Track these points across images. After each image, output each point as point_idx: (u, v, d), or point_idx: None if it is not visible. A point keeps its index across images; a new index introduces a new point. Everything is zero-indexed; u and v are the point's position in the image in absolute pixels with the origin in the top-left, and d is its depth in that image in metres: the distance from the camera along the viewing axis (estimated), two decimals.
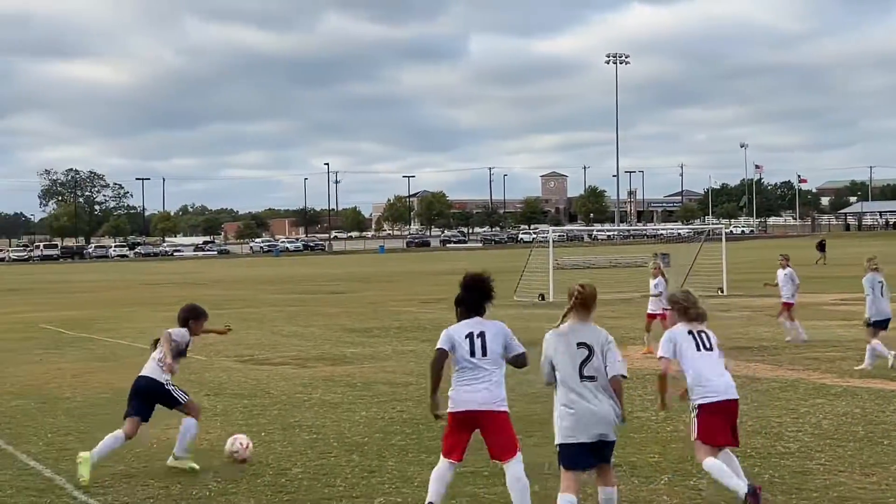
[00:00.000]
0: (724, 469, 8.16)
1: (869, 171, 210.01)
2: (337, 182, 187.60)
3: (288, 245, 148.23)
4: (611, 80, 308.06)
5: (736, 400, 8.52)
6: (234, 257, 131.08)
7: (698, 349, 8.43)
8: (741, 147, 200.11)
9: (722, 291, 36.92)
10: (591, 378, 7.47)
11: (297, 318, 30.20)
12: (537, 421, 12.57)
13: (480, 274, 8.22)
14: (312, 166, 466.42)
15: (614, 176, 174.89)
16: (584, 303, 7.82)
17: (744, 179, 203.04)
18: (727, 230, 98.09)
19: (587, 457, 7.49)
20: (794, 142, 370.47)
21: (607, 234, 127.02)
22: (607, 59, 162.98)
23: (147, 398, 10.25)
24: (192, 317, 10.99)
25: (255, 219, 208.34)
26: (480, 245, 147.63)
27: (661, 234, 70.27)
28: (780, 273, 22.19)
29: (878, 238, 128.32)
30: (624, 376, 7.66)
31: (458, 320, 8.04)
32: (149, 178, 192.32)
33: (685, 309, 8.55)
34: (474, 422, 7.88)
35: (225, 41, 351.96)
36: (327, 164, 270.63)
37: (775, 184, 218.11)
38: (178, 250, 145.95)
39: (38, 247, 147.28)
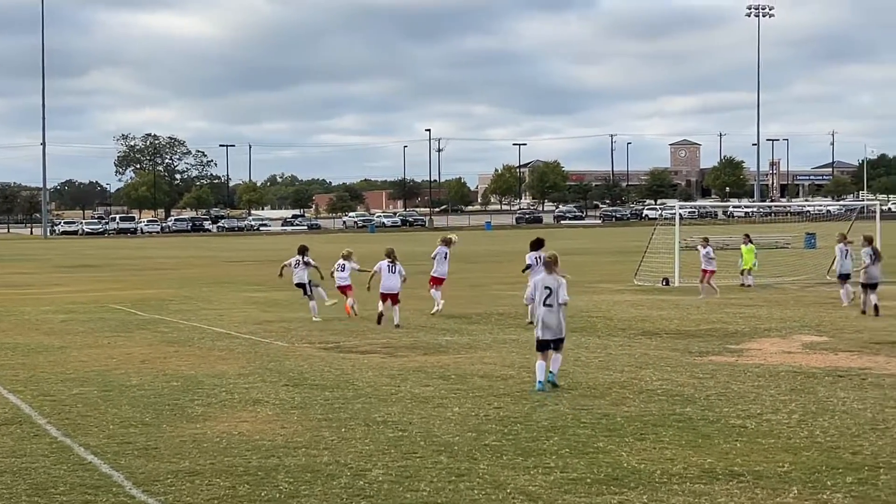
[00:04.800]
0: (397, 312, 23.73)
1: None
2: (440, 150, 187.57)
3: (384, 220, 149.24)
4: (765, 32, 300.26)
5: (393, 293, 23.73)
6: (326, 232, 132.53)
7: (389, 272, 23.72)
8: None
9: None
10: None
11: None
12: (650, 422, 12.41)
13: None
14: (417, 132, 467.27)
15: (754, 145, 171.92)
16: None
17: None
18: (884, 207, 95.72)
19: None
20: None
21: (745, 210, 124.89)
22: (748, 11, 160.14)
23: None
24: None
25: (348, 190, 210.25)
26: (599, 222, 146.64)
27: (808, 212, 68.70)
28: None
29: None
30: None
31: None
32: (234, 145, 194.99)
33: (388, 254, 24.05)
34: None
35: None
36: (429, 130, 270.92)
37: None
38: (265, 224, 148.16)
39: (113, 219, 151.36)
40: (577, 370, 16.54)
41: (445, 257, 26.27)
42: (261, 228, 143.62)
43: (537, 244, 24.42)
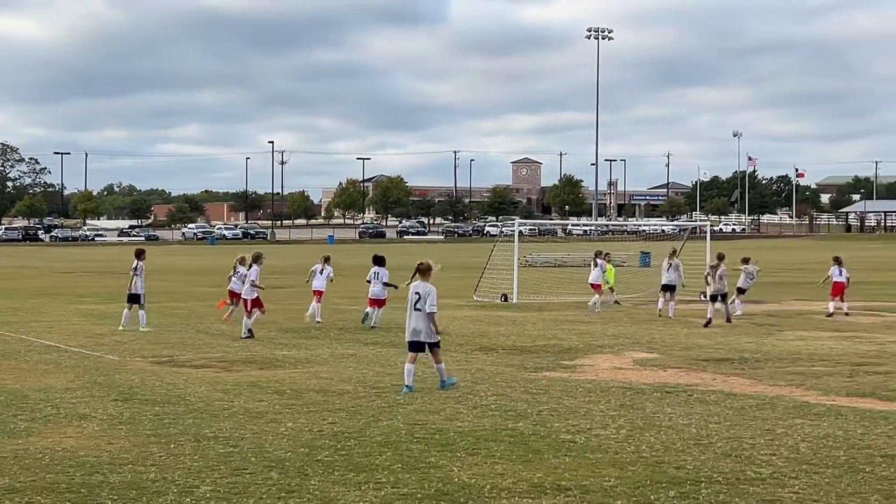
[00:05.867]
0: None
1: (875, 166, 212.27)
2: (283, 163, 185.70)
3: (225, 232, 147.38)
4: (607, 54, 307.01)
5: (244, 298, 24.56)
6: (164, 244, 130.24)
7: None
8: (734, 136, 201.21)
9: (704, 296, 36.97)
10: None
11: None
12: (483, 437, 12.51)
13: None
14: (260, 144, 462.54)
15: (593, 164, 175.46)
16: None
17: (736, 172, 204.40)
18: (715, 228, 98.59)
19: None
20: (802, 130, 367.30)
21: (583, 228, 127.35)
22: (588, 33, 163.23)
23: None
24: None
25: (189, 201, 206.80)
26: (442, 237, 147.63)
27: (643, 231, 70.26)
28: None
29: (875, 241, 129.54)
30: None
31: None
32: (69, 153, 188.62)
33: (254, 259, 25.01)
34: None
35: None
36: (272, 142, 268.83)
37: (771, 178, 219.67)
38: (101, 235, 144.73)
39: None
40: (414, 385, 16.57)
41: (321, 272, 28.42)
42: (96, 239, 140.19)
43: (378, 261, 27.21)
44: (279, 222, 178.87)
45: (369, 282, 27.05)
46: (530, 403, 14.96)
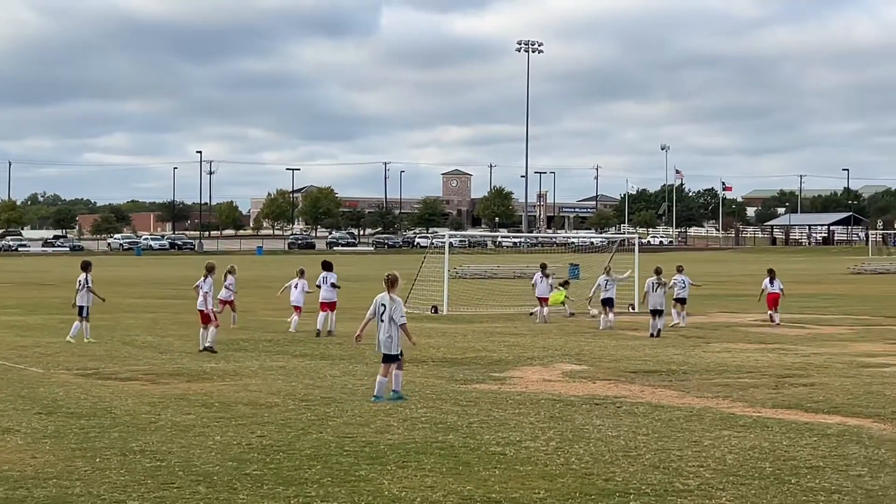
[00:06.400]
0: None
1: (799, 179, 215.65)
2: (211, 173, 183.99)
3: (152, 243, 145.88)
4: (537, 66, 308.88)
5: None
6: (90, 254, 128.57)
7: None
8: (662, 149, 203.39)
9: (633, 308, 37.39)
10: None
11: (155, 327, 29.74)
12: (413, 450, 12.51)
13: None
14: (188, 153, 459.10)
15: (522, 176, 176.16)
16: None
17: (664, 185, 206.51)
18: (643, 240, 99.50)
19: None
20: (729, 144, 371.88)
21: (513, 240, 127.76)
22: (518, 46, 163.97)
23: None
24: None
25: (115, 211, 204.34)
26: (372, 249, 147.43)
27: (573, 243, 70.76)
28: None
29: (799, 254, 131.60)
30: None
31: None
32: None
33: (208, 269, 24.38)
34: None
35: (95, 1, 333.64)
36: (200, 151, 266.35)
37: (698, 191, 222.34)
38: (24, 245, 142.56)
39: None
40: (343, 398, 16.55)
41: (296, 286, 28.87)
42: (19, 249, 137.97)
43: (327, 266, 28.41)
44: (207, 233, 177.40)
45: (319, 286, 28.16)
46: (460, 416, 14.98)
